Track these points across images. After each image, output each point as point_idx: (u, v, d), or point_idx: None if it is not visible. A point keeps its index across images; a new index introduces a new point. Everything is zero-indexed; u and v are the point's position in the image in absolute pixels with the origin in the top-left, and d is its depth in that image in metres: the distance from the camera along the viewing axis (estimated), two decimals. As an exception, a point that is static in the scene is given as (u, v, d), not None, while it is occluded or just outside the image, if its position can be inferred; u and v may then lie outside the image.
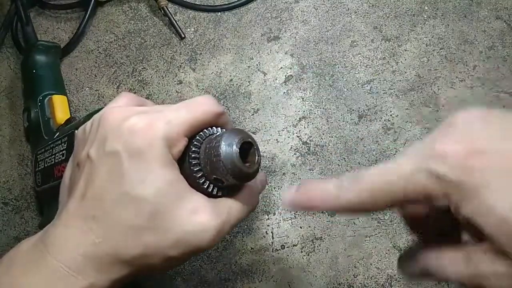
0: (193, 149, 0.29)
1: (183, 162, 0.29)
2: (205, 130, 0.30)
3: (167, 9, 0.57)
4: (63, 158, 0.40)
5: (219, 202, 0.30)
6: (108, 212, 0.28)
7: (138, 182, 0.28)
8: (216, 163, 0.28)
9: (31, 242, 0.30)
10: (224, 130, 0.30)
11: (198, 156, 0.29)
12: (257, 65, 0.55)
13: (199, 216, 0.28)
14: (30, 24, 0.57)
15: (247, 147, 0.28)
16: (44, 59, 0.55)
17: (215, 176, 0.29)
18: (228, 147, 0.27)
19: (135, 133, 0.28)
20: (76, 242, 0.28)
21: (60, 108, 0.52)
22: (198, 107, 0.29)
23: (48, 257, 0.28)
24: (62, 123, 0.50)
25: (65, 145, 0.40)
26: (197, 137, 0.29)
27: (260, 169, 0.30)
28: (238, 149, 0.27)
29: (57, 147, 0.42)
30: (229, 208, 0.30)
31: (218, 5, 0.58)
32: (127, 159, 0.28)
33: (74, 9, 0.61)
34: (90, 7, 0.58)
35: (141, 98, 0.34)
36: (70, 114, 0.53)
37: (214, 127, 0.30)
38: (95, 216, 0.28)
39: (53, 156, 0.42)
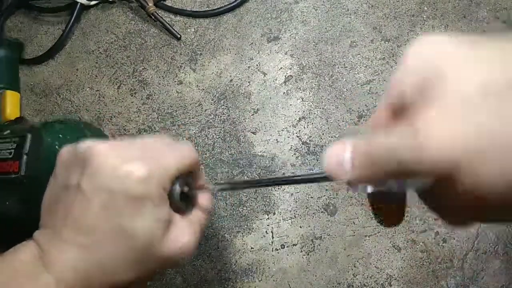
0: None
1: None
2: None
3: (158, 14, 0.57)
4: (10, 156, 0.41)
5: (192, 221, 0.34)
6: (101, 243, 0.30)
7: (133, 219, 0.30)
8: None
9: (31, 257, 0.31)
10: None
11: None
12: (257, 65, 0.55)
13: (181, 240, 0.32)
14: None
15: (189, 186, 0.34)
16: (3, 53, 0.56)
17: None
18: (173, 186, 0.33)
19: (134, 180, 0.30)
20: (72, 266, 0.30)
21: (11, 104, 0.54)
22: (185, 154, 0.34)
23: (46, 275, 0.30)
24: (11, 119, 0.51)
25: (15, 145, 0.41)
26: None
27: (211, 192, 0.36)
28: (180, 190, 0.33)
29: (4, 144, 0.42)
30: (199, 223, 0.35)
31: (216, 9, 0.58)
32: (123, 199, 0.30)
33: (61, 13, 0.61)
34: (75, 13, 0.59)
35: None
36: (20, 113, 0.54)
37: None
38: (88, 246, 0.30)
39: None
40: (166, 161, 0.32)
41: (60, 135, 0.40)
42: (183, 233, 0.32)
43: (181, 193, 0.33)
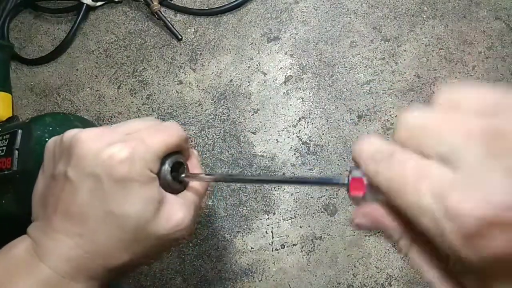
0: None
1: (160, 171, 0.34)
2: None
3: (161, 13, 0.57)
4: (2, 154, 0.41)
5: (186, 199, 0.34)
6: (94, 230, 0.30)
7: (121, 201, 0.30)
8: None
9: (25, 251, 0.31)
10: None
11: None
12: (257, 65, 0.55)
13: (174, 217, 0.32)
14: None
15: (178, 166, 0.34)
16: None
17: None
18: (162, 165, 0.32)
19: (117, 161, 0.30)
20: (66, 255, 0.30)
21: (3, 105, 0.54)
22: (172, 132, 0.33)
23: (43, 266, 0.30)
24: (4, 120, 0.51)
25: (6, 142, 0.41)
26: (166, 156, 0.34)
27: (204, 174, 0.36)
28: (169, 168, 0.33)
29: None
30: (193, 201, 0.34)
31: (215, 8, 0.58)
32: (108, 182, 0.30)
33: (69, 13, 0.61)
34: (81, 14, 0.59)
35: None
36: (13, 113, 0.54)
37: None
38: (81, 234, 0.30)
39: None
40: (150, 141, 0.32)
41: (50, 128, 0.39)
42: (176, 210, 0.32)
43: (172, 172, 0.33)
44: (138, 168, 0.30)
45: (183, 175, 0.34)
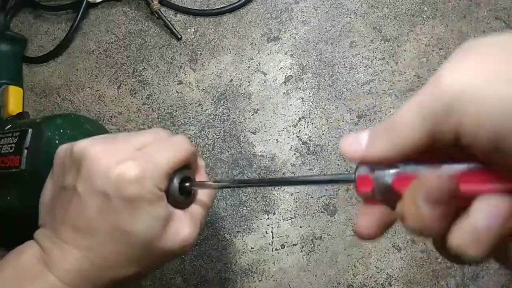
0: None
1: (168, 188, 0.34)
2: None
3: (161, 12, 0.57)
4: (11, 151, 0.41)
5: (192, 212, 0.34)
6: (102, 244, 0.31)
7: (130, 219, 0.30)
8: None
9: (34, 258, 0.32)
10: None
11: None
12: (257, 65, 0.55)
13: (182, 233, 0.32)
14: (3, 13, 0.58)
15: (186, 180, 0.34)
16: (7, 48, 0.56)
17: None
18: (171, 182, 0.33)
19: (127, 180, 0.30)
20: (74, 266, 0.31)
21: (14, 100, 0.53)
22: (180, 148, 0.33)
23: (50, 275, 0.31)
24: (14, 114, 0.51)
25: (16, 139, 0.41)
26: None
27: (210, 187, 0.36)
28: (178, 184, 0.33)
29: (6, 139, 0.42)
30: (200, 215, 0.35)
31: (215, 8, 0.58)
32: (117, 200, 0.30)
33: (62, 12, 0.61)
34: (81, 10, 0.58)
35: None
36: (23, 108, 0.54)
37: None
38: (89, 247, 0.31)
39: (0, 146, 0.43)
40: (160, 158, 0.32)
41: (61, 130, 0.39)
42: (183, 227, 0.33)
43: (180, 187, 0.33)
44: (148, 187, 0.30)
45: (187, 184, 0.34)
